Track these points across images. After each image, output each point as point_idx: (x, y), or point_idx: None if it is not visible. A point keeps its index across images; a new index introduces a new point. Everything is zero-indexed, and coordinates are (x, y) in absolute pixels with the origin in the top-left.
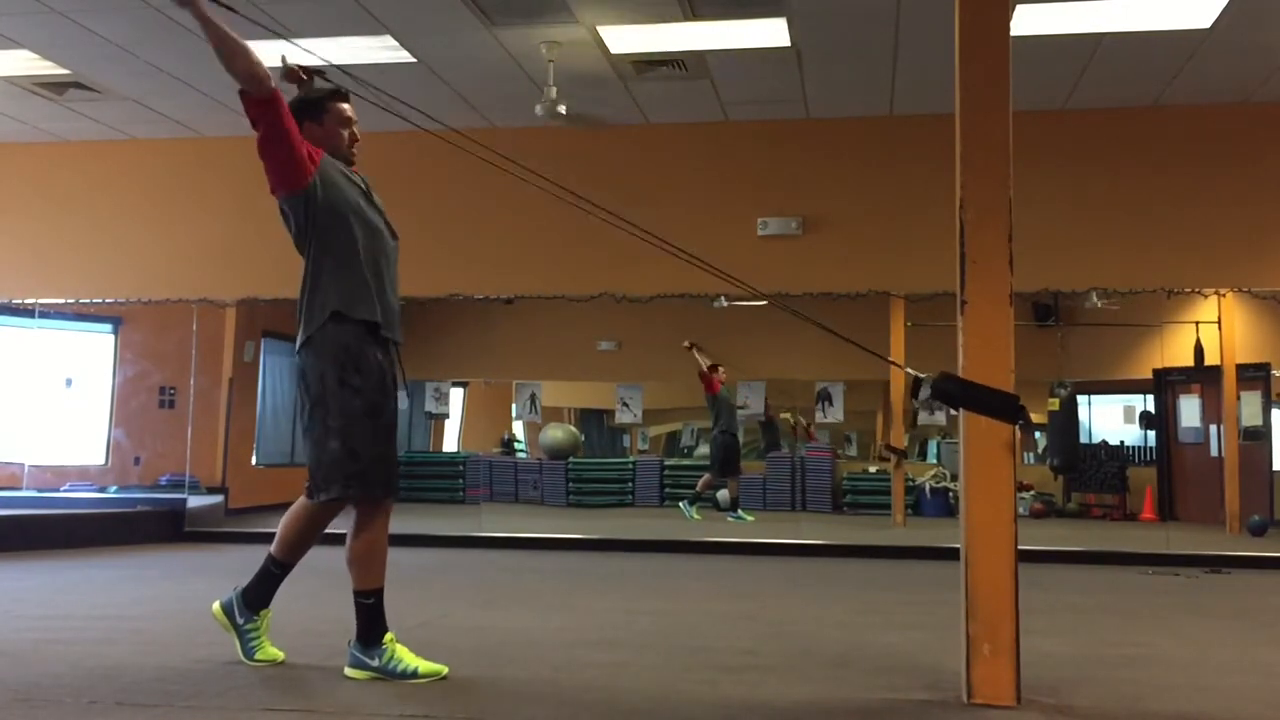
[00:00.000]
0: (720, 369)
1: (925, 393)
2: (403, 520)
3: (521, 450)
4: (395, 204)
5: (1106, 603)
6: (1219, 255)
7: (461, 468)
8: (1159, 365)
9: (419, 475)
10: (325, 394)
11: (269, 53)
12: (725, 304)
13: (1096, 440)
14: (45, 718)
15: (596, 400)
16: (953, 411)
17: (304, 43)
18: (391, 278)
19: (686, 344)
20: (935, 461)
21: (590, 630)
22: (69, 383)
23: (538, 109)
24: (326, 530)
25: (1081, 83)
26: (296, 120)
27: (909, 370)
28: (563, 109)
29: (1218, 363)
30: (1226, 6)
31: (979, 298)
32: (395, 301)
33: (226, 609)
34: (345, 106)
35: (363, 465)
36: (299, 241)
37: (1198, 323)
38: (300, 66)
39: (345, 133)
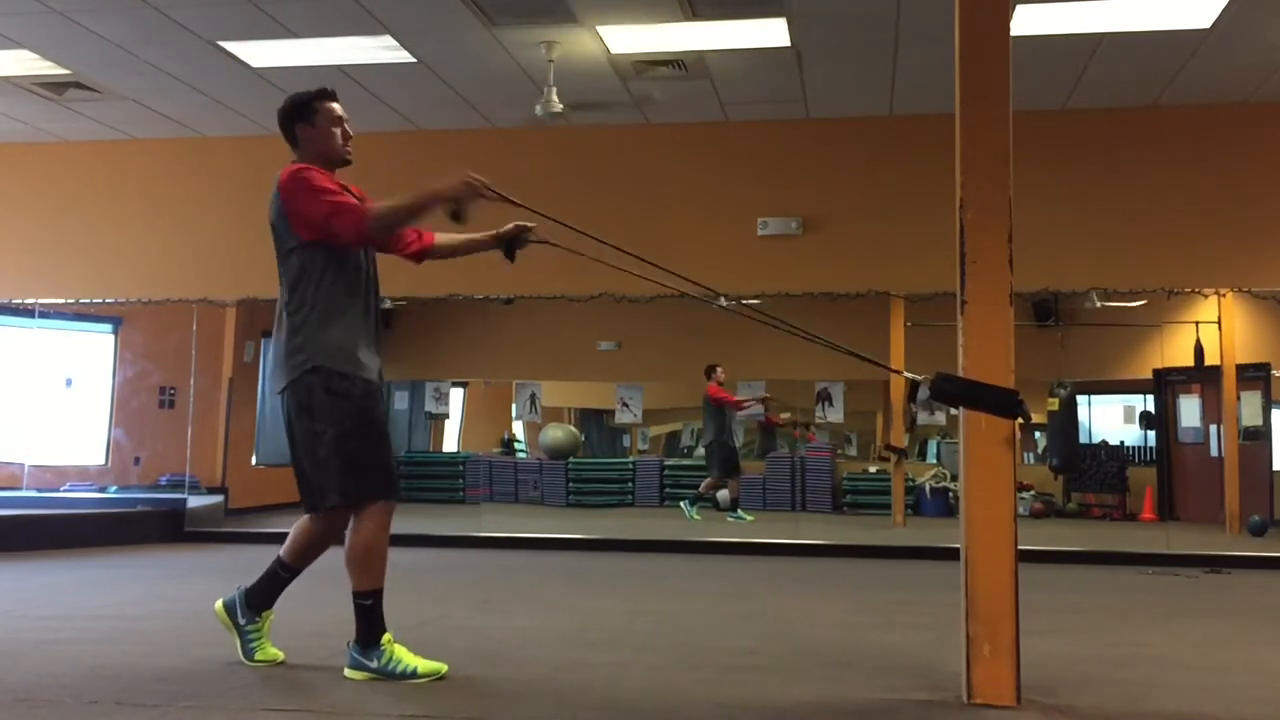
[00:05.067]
0: (718, 369)
1: (924, 394)
2: (403, 520)
3: (521, 450)
4: None
5: (1106, 603)
6: (1219, 255)
7: (461, 468)
8: (1159, 365)
9: (419, 475)
10: (313, 403)
11: (269, 52)
12: (725, 304)
13: (1096, 440)
14: (45, 718)
15: (596, 400)
16: (953, 411)
17: (304, 43)
18: (376, 305)
19: (766, 394)
20: (935, 461)
21: (590, 630)
22: (69, 383)
23: (537, 109)
24: None
25: (1081, 83)
26: (290, 126)
27: (906, 374)
28: (562, 109)
29: (1218, 363)
30: (1226, 6)
31: (979, 298)
32: (379, 333)
33: (229, 608)
34: (334, 105)
35: (359, 469)
36: (288, 266)
37: (1198, 323)
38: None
39: (337, 131)
